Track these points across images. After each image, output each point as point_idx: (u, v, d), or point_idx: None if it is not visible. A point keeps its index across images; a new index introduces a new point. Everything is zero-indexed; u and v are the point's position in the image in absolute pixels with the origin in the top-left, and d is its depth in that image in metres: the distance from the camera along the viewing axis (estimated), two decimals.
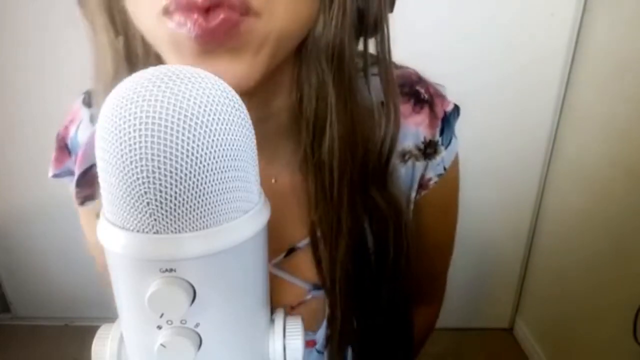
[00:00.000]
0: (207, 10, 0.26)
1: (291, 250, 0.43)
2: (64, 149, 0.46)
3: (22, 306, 1.80)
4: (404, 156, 0.43)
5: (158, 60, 0.33)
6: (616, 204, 1.21)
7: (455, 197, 0.51)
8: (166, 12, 0.27)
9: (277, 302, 0.35)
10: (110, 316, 0.26)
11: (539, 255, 1.62)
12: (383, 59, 0.38)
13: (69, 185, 0.46)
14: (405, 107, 0.43)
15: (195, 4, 0.26)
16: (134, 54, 0.35)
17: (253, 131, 0.22)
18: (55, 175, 0.47)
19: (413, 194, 0.45)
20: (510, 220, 1.59)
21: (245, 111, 0.22)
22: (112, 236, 0.20)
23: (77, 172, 0.44)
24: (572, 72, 1.39)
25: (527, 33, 1.35)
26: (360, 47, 0.37)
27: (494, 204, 1.56)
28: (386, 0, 0.36)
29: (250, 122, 0.22)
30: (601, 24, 1.28)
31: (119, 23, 0.34)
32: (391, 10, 0.38)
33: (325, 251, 0.40)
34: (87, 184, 0.44)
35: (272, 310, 0.28)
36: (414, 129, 0.43)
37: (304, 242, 0.43)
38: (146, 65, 0.34)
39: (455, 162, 0.47)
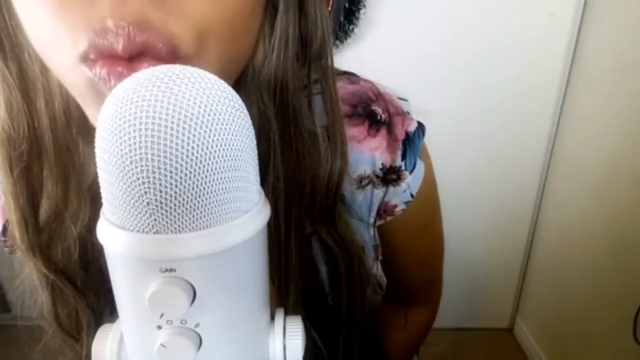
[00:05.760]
0: (130, 58, 0.23)
1: None
2: None
3: (22, 306, 1.79)
4: (361, 181, 0.40)
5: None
6: (616, 204, 1.21)
7: (434, 212, 0.49)
8: (84, 59, 0.23)
9: None
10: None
11: (539, 255, 1.62)
12: (327, 88, 0.34)
13: None
14: (359, 130, 0.39)
15: (116, 54, 0.22)
16: (31, 84, 0.30)
17: (253, 131, 0.22)
18: None
19: (372, 220, 0.42)
20: (510, 220, 1.59)
21: (246, 111, 0.22)
22: (112, 236, 0.20)
23: (1, 220, 0.41)
24: (572, 72, 1.39)
25: (527, 33, 1.35)
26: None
27: (494, 204, 1.56)
28: (329, 26, 0.33)
29: (250, 122, 0.22)
30: (601, 24, 1.28)
31: (9, 50, 0.29)
32: (334, 38, 0.36)
33: (275, 294, 0.37)
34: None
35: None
36: (368, 154, 0.39)
37: None
38: (49, 97, 0.29)
39: (427, 184, 0.43)
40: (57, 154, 0.32)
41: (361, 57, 1.14)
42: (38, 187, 0.33)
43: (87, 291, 0.37)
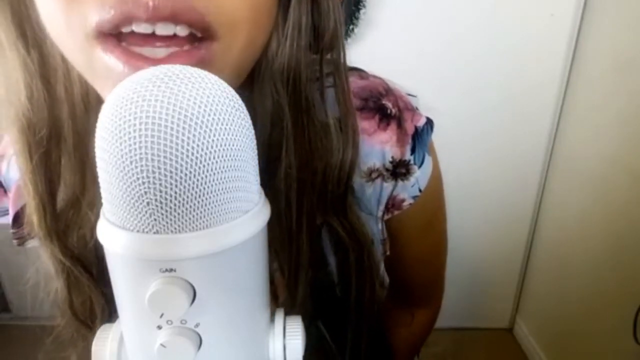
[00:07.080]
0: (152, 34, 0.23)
1: None
2: None
3: (22, 306, 1.80)
4: (370, 174, 0.40)
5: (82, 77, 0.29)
6: (616, 204, 1.21)
7: (439, 209, 0.49)
8: (98, 35, 0.23)
9: None
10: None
11: (539, 255, 1.62)
12: (339, 79, 0.35)
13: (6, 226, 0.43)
14: (369, 124, 0.39)
15: (139, 17, 0.22)
16: (52, 71, 0.30)
17: (253, 131, 0.22)
18: None
19: (380, 214, 0.42)
20: (510, 220, 1.59)
21: (246, 111, 0.22)
22: (112, 236, 0.20)
23: (12, 211, 0.42)
24: (572, 72, 1.39)
25: (527, 33, 1.35)
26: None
27: (494, 204, 1.56)
28: (341, 16, 0.33)
29: (250, 122, 0.22)
30: (601, 24, 1.28)
31: (31, 37, 0.29)
32: (345, 28, 0.36)
33: (284, 284, 0.37)
34: (23, 223, 0.39)
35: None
36: (378, 147, 0.40)
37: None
38: (68, 85, 0.30)
39: (435, 179, 0.44)
40: (75, 143, 0.33)
41: (361, 57, 1.13)
42: (56, 174, 0.34)
43: (101, 280, 0.38)
